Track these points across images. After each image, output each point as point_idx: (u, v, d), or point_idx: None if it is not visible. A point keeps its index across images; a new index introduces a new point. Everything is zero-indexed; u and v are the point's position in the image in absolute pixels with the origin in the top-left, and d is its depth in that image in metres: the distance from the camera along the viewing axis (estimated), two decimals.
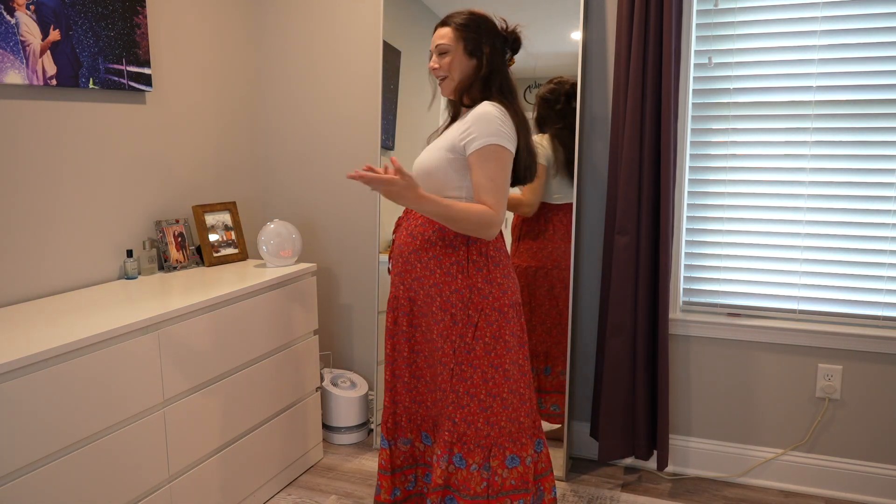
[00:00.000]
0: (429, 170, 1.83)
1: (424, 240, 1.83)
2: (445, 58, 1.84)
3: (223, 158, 2.86)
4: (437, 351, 1.85)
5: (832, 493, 2.45)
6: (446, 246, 1.81)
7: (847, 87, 2.30)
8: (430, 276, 1.83)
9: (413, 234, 1.86)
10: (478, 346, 1.80)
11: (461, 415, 1.82)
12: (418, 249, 1.84)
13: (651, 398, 2.48)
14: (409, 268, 1.87)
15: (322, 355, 3.11)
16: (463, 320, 1.80)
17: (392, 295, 1.95)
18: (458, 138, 1.79)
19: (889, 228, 2.32)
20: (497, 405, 1.82)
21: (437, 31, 1.88)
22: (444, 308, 1.81)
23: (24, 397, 1.56)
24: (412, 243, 1.85)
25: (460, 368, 1.81)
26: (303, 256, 3.09)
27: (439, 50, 1.85)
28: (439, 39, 1.85)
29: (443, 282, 1.81)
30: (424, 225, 1.84)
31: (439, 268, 1.82)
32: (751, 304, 2.51)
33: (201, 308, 2.07)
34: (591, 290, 2.66)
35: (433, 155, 1.82)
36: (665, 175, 2.31)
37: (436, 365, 1.87)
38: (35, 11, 2.01)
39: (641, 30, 2.28)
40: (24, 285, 2.07)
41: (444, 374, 1.84)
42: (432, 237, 1.82)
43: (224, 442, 2.21)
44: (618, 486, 2.52)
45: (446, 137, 1.83)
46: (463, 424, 1.82)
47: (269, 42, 3.00)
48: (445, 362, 1.83)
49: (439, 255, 1.82)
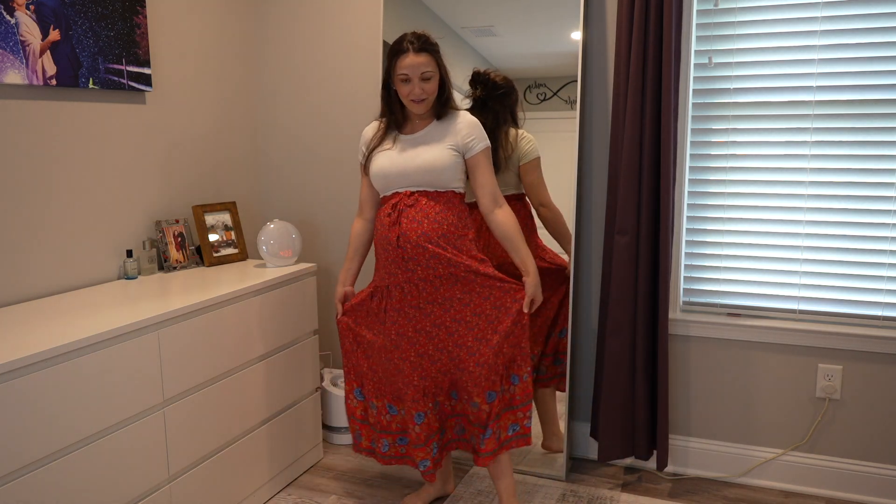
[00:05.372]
0: (439, 167, 2.05)
1: (444, 227, 2.07)
2: (430, 83, 2.04)
3: (223, 158, 2.86)
4: (458, 322, 2.08)
5: (832, 493, 2.45)
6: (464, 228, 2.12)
7: (847, 87, 2.30)
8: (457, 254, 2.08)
9: (432, 222, 2.05)
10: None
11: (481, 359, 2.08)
12: (443, 235, 2.06)
13: (651, 398, 2.48)
14: (433, 252, 2.05)
15: (322, 355, 3.11)
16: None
17: (391, 283, 2.09)
18: (460, 142, 2.08)
19: (889, 228, 2.32)
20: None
21: (413, 59, 2.01)
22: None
23: (24, 397, 1.56)
24: (438, 229, 2.05)
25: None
26: (303, 256, 3.09)
27: (425, 76, 2.03)
28: (424, 67, 2.02)
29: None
30: (437, 218, 2.05)
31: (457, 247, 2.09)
32: (751, 304, 2.51)
33: (201, 308, 2.07)
34: (591, 290, 2.66)
35: (440, 153, 2.05)
36: (665, 175, 2.31)
37: (449, 336, 2.09)
38: (35, 11, 2.01)
39: (641, 30, 2.28)
40: (24, 285, 2.07)
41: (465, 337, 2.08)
42: (448, 226, 2.07)
43: (224, 442, 2.21)
44: (618, 486, 2.52)
45: (442, 140, 2.07)
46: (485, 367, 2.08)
47: (269, 42, 3.00)
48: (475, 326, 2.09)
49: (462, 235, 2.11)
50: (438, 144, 2.07)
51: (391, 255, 2.07)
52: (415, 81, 2.01)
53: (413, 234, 2.04)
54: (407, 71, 2.01)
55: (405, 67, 2.01)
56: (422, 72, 2.01)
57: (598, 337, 2.54)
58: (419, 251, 2.04)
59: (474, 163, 2.10)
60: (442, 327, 2.09)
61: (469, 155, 2.09)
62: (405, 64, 2.01)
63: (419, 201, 2.06)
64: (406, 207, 2.06)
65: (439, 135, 2.08)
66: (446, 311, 2.08)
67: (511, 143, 2.43)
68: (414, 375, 2.10)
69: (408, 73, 2.01)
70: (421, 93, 2.03)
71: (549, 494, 2.46)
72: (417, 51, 2.01)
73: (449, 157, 2.05)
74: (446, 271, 2.06)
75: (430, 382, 2.12)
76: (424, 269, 2.05)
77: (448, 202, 2.08)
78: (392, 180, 2.08)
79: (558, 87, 2.52)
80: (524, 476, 2.59)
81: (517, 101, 2.50)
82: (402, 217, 2.05)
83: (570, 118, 2.48)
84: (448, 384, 2.14)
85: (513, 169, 2.45)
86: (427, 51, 2.02)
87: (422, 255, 2.04)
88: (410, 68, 2.01)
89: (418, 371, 2.10)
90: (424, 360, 2.11)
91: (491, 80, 2.48)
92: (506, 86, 2.48)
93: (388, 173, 2.08)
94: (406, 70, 2.01)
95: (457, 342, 2.09)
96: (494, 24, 2.58)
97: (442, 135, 2.08)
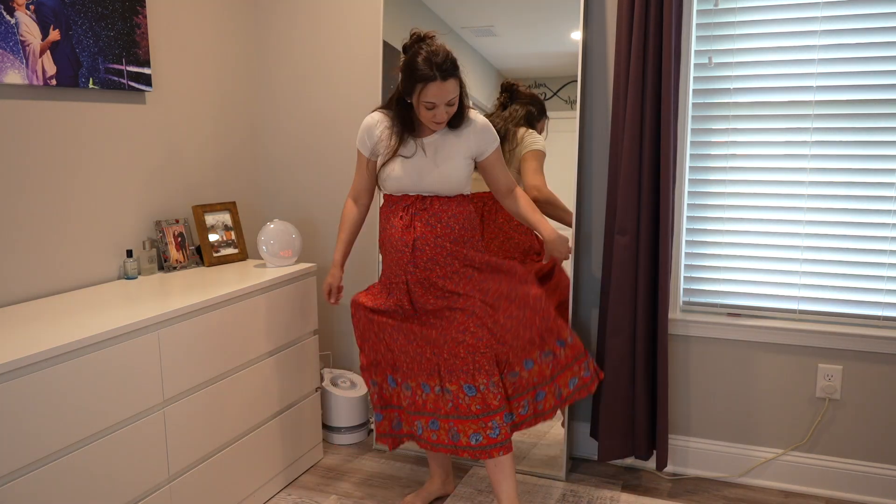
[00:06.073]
0: (454, 179, 2.09)
1: (456, 231, 2.12)
2: (454, 106, 2.01)
3: (223, 158, 2.86)
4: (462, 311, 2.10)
5: (832, 493, 2.45)
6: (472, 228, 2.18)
7: (847, 87, 2.30)
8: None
9: (445, 225, 2.10)
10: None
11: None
12: (455, 239, 2.11)
13: (651, 398, 2.48)
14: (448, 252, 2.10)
15: (322, 355, 3.11)
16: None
17: (417, 279, 2.12)
18: (473, 149, 2.11)
19: (889, 228, 2.32)
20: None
21: (440, 88, 1.94)
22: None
23: (24, 397, 1.56)
24: (451, 233, 2.10)
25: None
26: (303, 256, 3.09)
27: (451, 102, 1.98)
28: (450, 94, 1.98)
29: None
30: (450, 222, 2.10)
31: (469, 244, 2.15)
32: (751, 304, 2.51)
33: (201, 308, 2.07)
34: (591, 290, 2.66)
35: (456, 167, 2.08)
36: (665, 175, 2.31)
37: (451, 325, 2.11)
38: (35, 11, 2.01)
39: (641, 30, 2.28)
40: (24, 285, 2.07)
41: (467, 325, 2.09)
42: (461, 229, 2.13)
43: (224, 442, 2.21)
44: (618, 486, 2.52)
45: (457, 150, 2.08)
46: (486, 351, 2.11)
47: (269, 42, 3.00)
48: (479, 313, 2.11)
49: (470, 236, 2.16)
50: (455, 156, 2.08)
51: (406, 256, 2.09)
52: (440, 108, 1.98)
53: (430, 236, 2.07)
54: (434, 100, 1.95)
55: (432, 97, 1.95)
56: (448, 99, 1.97)
57: (598, 337, 2.54)
58: (437, 251, 2.08)
59: (488, 164, 2.16)
60: (454, 315, 2.10)
61: (482, 158, 2.14)
62: (432, 93, 1.94)
63: (432, 205, 2.09)
64: (419, 211, 2.09)
65: (454, 142, 2.09)
66: (466, 298, 2.10)
67: (518, 140, 2.45)
68: (416, 355, 2.14)
69: (434, 102, 1.96)
70: (445, 117, 2.01)
71: (549, 494, 2.46)
72: (444, 78, 1.93)
73: (466, 169, 2.10)
74: (462, 264, 2.10)
75: (429, 364, 2.13)
76: (442, 267, 2.09)
77: (458, 205, 2.12)
78: (405, 186, 2.10)
79: (558, 87, 2.52)
80: (524, 476, 2.59)
81: (542, 114, 2.53)
82: (416, 221, 2.08)
83: (570, 118, 2.48)
84: (446, 370, 2.12)
85: (514, 164, 2.47)
86: (453, 75, 1.96)
87: (439, 255, 2.09)
88: (437, 97, 1.95)
89: (419, 355, 2.14)
90: (427, 348, 2.13)
91: (517, 90, 2.53)
92: (529, 97, 2.53)
93: (402, 180, 2.09)
94: (433, 99, 1.95)
95: (478, 323, 2.08)
96: (494, 24, 2.58)
97: (456, 143, 2.09)
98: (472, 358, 2.06)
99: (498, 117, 2.52)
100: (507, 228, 2.51)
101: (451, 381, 2.08)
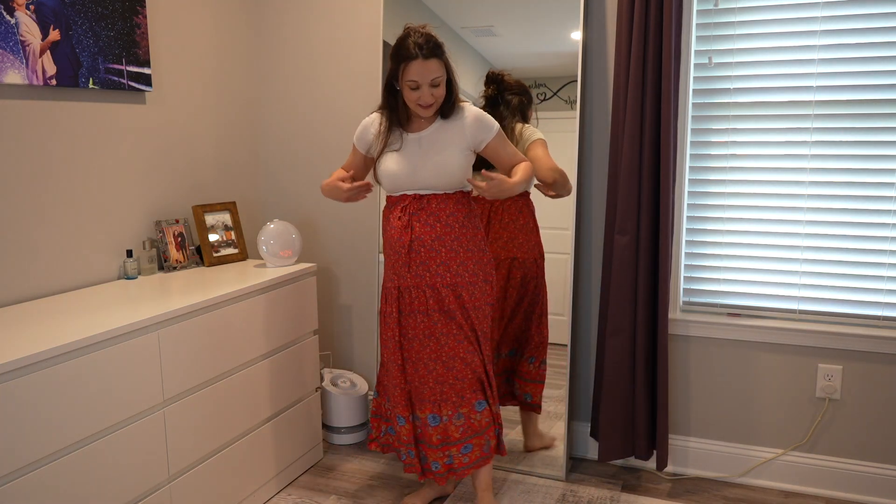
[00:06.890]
0: (451, 171, 2.04)
1: (455, 230, 2.08)
2: (439, 88, 1.99)
3: (223, 158, 2.86)
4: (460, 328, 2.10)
5: (832, 493, 2.45)
6: (473, 227, 2.13)
7: (847, 87, 2.30)
8: (469, 254, 2.10)
9: (444, 225, 2.06)
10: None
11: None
12: (455, 238, 2.08)
13: (651, 398, 2.48)
14: (447, 254, 2.08)
15: (322, 355, 3.11)
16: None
17: (401, 285, 2.11)
18: (469, 140, 2.06)
19: (889, 228, 2.32)
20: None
21: (422, 66, 1.93)
22: (486, 279, 2.14)
23: (24, 397, 1.56)
24: (451, 232, 2.07)
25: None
26: (303, 256, 3.09)
27: (434, 83, 1.96)
28: (433, 73, 1.95)
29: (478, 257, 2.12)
30: (449, 221, 2.06)
31: (475, 247, 2.12)
32: (751, 304, 2.51)
33: (201, 308, 2.07)
34: (591, 290, 2.66)
35: (452, 157, 2.04)
36: (665, 175, 2.31)
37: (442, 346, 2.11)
38: (35, 11, 2.01)
39: (641, 30, 2.28)
40: (24, 285, 2.07)
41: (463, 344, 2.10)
42: (461, 228, 2.09)
43: (224, 442, 2.21)
44: (618, 486, 2.52)
45: (452, 141, 2.05)
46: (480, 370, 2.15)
47: (269, 42, 3.00)
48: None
49: (472, 235, 2.12)
50: (449, 147, 2.05)
51: (402, 258, 2.09)
52: (424, 88, 1.96)
53: (427, 237, 2.05)
54: (416, 78, 1.94)
55: (414, 75, 1.94)
56: (431, 78, 1.95)
57: (598, 337, 2.54)
58: (432, 255, 2.06)
59: (491, 151, 2.10)
60: (441, 336, 2.11)
61: (482, 147, 2.09)
62: (414, 71, 1.93)
63: (430, 204, 2.06)
64: (417, 210, 2.06)
65: (448, 135, 2.06)
66: (446, 322, 2.10)
67: (516, 136, 2.44)
68: (402, 379, 2.15)
69: (417, 81, 1.95)
70: (430, 98, 1.98)
71: (549, 494, 2.46)
72: (426, 57, 1.93)
73: (461, 160, 2.05)
74: (452, 281, 2.08)
75: (420, 388, 2.15)
76: (433, 275, 2.08)
77: (457, 203, 2.09)
78: (401, 182, 2.07)
79: (558, 87, 2.52)
80: (524, 476, 2.59)
81: (530, 102, 2.53)
82: (414, 220, 2.06)
83: (570, 118, 2.48)
84: (436, 395, 2.14)
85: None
86: (436, 55, 1.95)
87: (433, 261, 2.07)
88: (420, 76, 1.94)
89: (409, 376, 2.16)
90: (420, 367, 2.13)
91: (504, 80, 2.51)
92: (518, 87, 2.51)
93: (398, 175, 2.07)
94: (415, 77, 1.94)
95: (450, 353, 2.11)
96: (494, 24, 2.59)
97: (450, 134, 2.06)
98: (440, 388, 2.12)
99: (495, 115, 2.48)
100: (513, 228, 2.51)
101: (422, 409, 2.15)
